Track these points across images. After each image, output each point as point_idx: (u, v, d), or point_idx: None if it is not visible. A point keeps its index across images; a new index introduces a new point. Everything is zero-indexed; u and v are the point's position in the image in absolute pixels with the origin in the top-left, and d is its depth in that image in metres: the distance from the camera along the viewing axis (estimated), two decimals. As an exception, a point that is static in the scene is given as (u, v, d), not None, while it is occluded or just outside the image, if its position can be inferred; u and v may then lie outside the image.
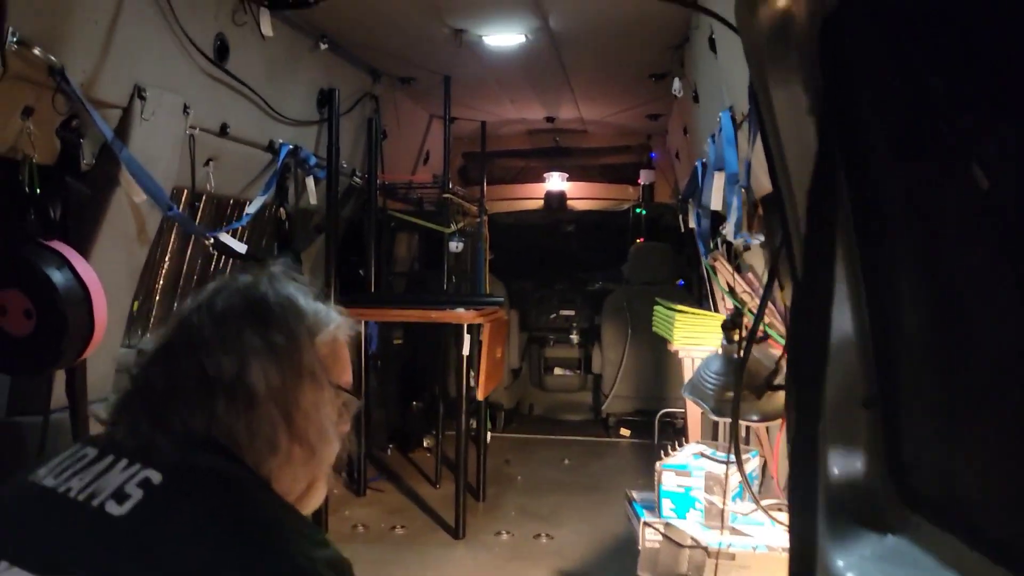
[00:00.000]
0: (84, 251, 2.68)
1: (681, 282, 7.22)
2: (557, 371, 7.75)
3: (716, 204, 3.22)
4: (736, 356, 2.23)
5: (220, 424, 1.10)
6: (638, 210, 7.32)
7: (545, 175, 7.28)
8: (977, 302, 1.29)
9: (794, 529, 1.24)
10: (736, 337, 2.25)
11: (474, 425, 5.35)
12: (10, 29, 2.18)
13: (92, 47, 2.53)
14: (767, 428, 3.06)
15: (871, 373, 1.45)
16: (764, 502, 2.29)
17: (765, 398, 2.13)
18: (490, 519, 4.81)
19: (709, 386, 2.26)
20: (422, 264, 7.11)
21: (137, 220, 2.94)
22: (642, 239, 7.34)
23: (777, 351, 2.65)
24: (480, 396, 4.54)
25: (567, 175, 7.26)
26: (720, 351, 2.31)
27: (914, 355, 1.43)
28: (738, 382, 1.97)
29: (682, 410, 5.03)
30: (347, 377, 1.26)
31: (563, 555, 4.24)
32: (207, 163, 3.45)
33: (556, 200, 7.26)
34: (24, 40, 2.22)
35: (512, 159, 7.58)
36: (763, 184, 2.69)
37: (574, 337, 7.68)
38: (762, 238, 2.55)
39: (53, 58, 2.34)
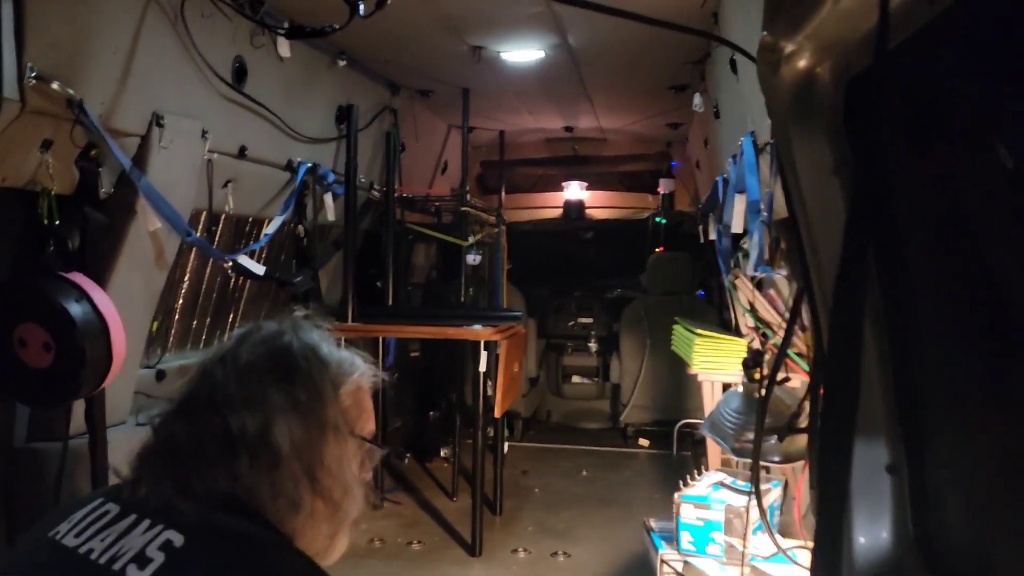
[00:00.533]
0: (103, 279, 2.69)
1: (701, 292, 7.17)
2: (575, 379, 7.73)
3: (737, 227, 3.18)
4: (757, 395, 2.18)
5: (243, 484, 1.09)
6: (657, 219, 7.27)
7: (564, 184, 7.24)
8: (1013, 363, 1.25)
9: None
10: (757, 376, 2.21)
11: (491, 433, 5.33)
12: (28, 65, 2.18)
13: (110, 78, 2.54)
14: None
15: (896, 436, 1.42)
16: (786, 543, 2.25)
17: (787, 439, 2.09)
18: (507, 535, 4.79)
19: (729, 425, 2.22)
20: (440, 274, 7.10)
21: (155, 246, 2.94)
22: (661, 248, 7.29)
23: (800, 379, 2.61)
24: (497, 413, 4.52)
25: (586, 183, 7.22)
26: (740, 388, 2.27)
27: (942, 418, 1.40)
28: (759, 426, 1.94)
29: (701, 421, 4.99)
30: (370, 426, 1.25)
31: (580, 575, 4.22)
32: (225, 185, 3.45)
33: (575, 209, 7.23)
34: (42, 75, 2.23)
35: (530, 167, 7.55)
36: (784, 211, 2.64)
37: (592, 345, 7.66)
38: (784, 272, 2.51)
39: (72, 91, 2.34)
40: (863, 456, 1.38)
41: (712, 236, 4.36)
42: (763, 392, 2.14)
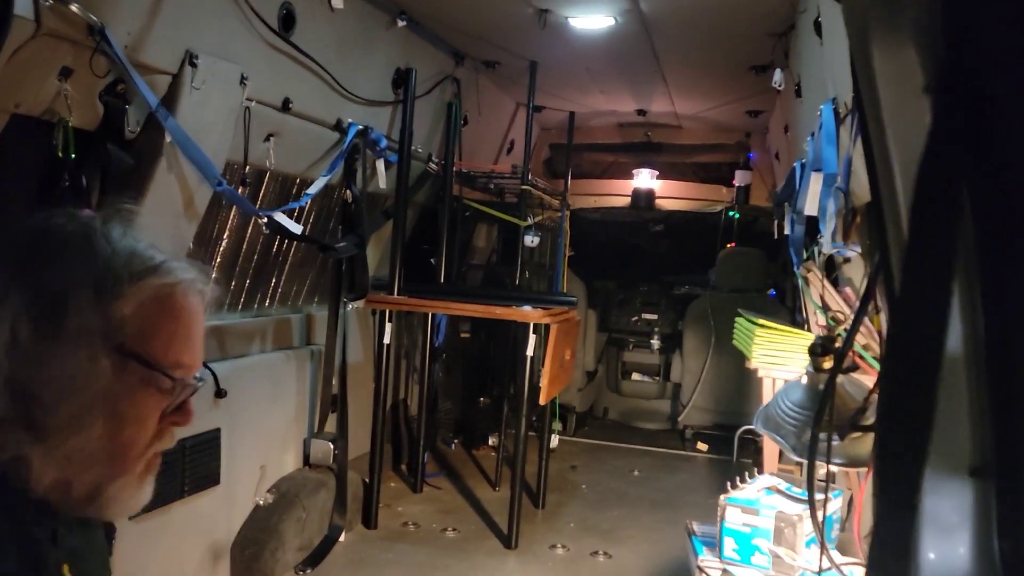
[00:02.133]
0: (124, 223, 2.56)
1: (773, 292, 6.79)
2: (635, 376, 7.47)
3: (811, 209, 2.88)
4: (822, 387, 1.90)
5: None
6: (731, 213, 6.90)
7: (634, 171, 6.94)
8: None
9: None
10: (826, 364, 1.92)
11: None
12: (45, -17, 2.05)
13: (139, 7, 2.40)
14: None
15: (983, 431, 1.13)
16: (843, 560, 1.96)
17: (850, 439, 1.81)
18: (547, 529, 4.56)
19: (788, 420, 1.93)
20: (501, 257, 6.90)
21: (184, 193, 2.80)
22: (733, 244, 6.92)
23: (870, 381, 2.30)
24: (542, 401, 4.29)
25: (657, 172, 6.91)
26: (804, 379, 1.98)
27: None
28: (818, 420, 1.66)
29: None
30: (176, 354, 0.96)
31: (619, 578, 3.97)
32: (267, 139, 3.30)
33: (644, 198, 6.91)
34: (61, -5, 2.09)
35: (600, 153, 7.27)
36: (865, 187, 2.34)
37: (655, 342, 7.39)
38: (859, 249, 2.21)
39: (93, 17, 2.21)
40: (940, 453, 1.10)
41: (787, 230, 4.04)
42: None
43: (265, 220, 3.21)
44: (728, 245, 6.94)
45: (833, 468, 2.06)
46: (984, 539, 1.06)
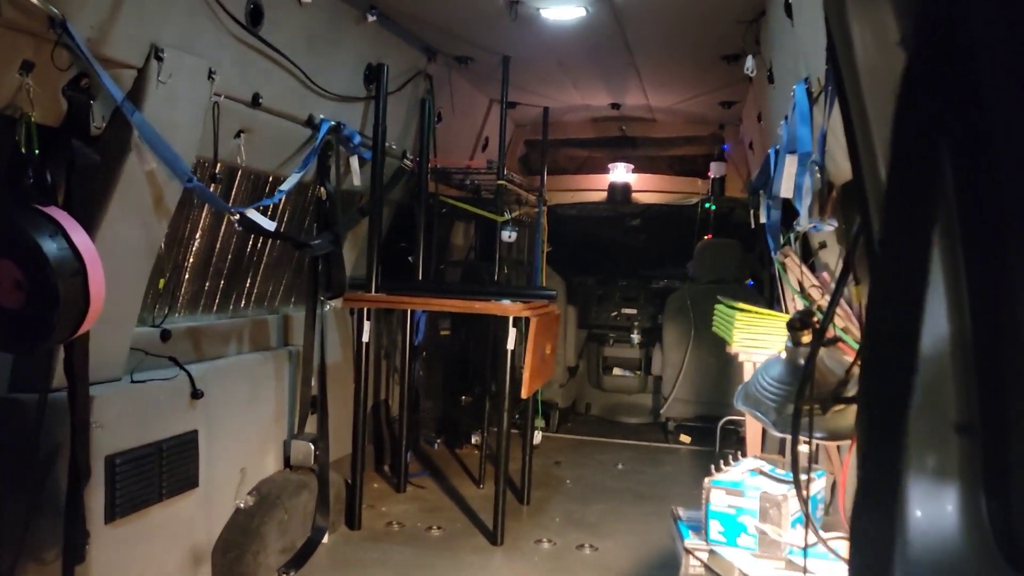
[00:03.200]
0: (91, 221, 2.51)
1: (751, 282, 6.82)
2: (616, 371, 7.46)
3: (787, 191, 2.88)
4: (802, 362, 1.89)
5: None
6: (707, 205, 6.92)
7: (609, 166, 6.94)
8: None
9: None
10: (805, 339, 1.91)
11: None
12: (2, -27, 2.00)
13: (102, 1, 2.35)
14: (837, 444, 2.71)
15: (969, 388, 1.12)
16: (828, 535, 1.95)
17: (832, 412, 1.80)
18: (533, 525, 4.54)
19: (768, 395, 1.92)
20: (479, 254, 6.88)
21: (154, 190, 2.75)
22: (710, 235, 6.94)
23: (850, 356, 2.30)
24: (524, 394, 4.26)
25: (632, 166, 6.91)
26: (783, 354, 1.98)
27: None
28: (801, 393, 1.65)
29: (745, 417, 4.68)
30: None
31: (606, 569, 3.94)
32: (238, 135, 3.26)
33: (620, 192, 6.92)
34: (19, -14, 2.05)
35: (575, 148, 7.27)
36: (840, 165, 2.35)
37: (635, 336, 7.39)
38: (836, 224, 2.21)
39: (54, 8, 2.16)
40: (924, 411, 1.09)
41: (763, 218, 4.05)
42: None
43: (238, 217, 3.16)
44: (705, 237, 6.96)
45: (816, 443, 2.05)
46: (971, 497, 1.05)
